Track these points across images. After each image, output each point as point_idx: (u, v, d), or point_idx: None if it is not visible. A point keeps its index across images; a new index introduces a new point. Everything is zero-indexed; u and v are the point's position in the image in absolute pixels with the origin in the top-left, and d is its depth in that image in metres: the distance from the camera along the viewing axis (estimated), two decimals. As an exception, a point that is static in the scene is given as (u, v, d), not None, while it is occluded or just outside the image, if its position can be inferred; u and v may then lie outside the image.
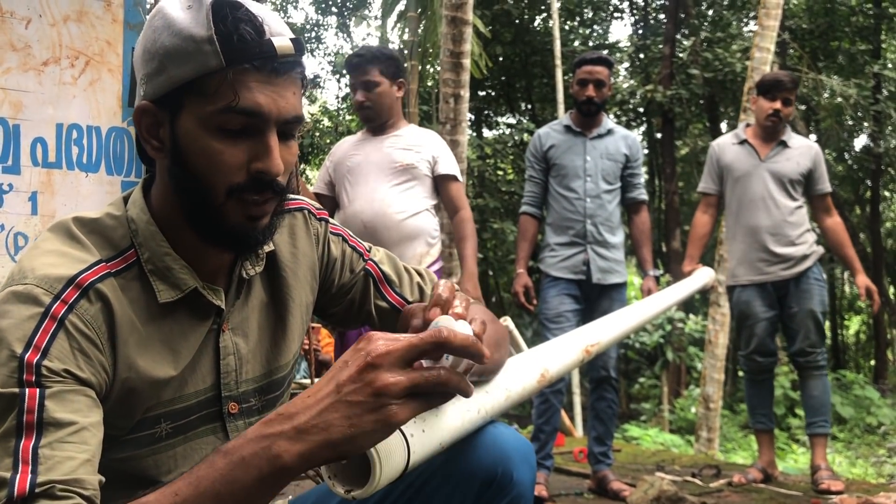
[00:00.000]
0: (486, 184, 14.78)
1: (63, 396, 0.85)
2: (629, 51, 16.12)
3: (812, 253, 3.67)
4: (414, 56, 8.86)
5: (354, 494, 0.87)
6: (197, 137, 0.94)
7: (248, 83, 0.92)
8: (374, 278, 1.24)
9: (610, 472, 3.51)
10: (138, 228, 0.99)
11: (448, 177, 3.04)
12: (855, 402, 11.32)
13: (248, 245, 1.00)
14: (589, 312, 3.50)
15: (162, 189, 1.01)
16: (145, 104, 0.96)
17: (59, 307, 0.89)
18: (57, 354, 0.87)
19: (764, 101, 3.74)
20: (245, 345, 1.07)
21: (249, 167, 0.95)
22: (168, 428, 1.00)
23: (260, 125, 0.94)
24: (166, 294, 0.98)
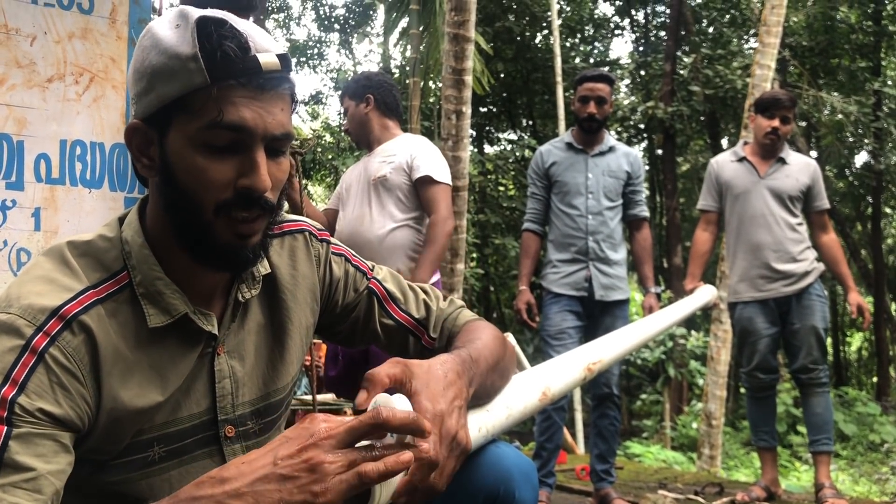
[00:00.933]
0: (487, 199, 14.80)
1: (29, 439, 0.84)
2: (630, 68, 16.19)
3: (813, 269, 3.67)
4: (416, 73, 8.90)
5: None
6: (184, 155, 0.94)
7: (233, 99, 0.92)
8: (377, 297, 1.23)
9: (612, 489, 3.49)
10: (132, 251, 0.99)
11: (424, 179, 2.88)
12: (857, 419, 11.28)
13: (239, 264, 0.99)
14: (591, 329, 3.50)
15: (154, 208, 1.01)
16: (135, 123, 0.97)
17: (41, 340, 0.88)
18: (34, 389, 0.86)
19: (762, 119, 3.75)
20: (241, 368, 1.06)
21: (236, 184, 0.94)
22: (161, 451, 0.99)
23: (246, 141, 0.94)
24: (156, 319, 0.98)
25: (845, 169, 15.68)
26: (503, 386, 1.17)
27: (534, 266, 3.69)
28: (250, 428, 1.08)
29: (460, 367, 1.03)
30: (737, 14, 14.31)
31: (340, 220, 3.00)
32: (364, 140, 3.07)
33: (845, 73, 14.05)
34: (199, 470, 1.02)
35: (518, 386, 1.20)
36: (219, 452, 1.05)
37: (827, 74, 14.38)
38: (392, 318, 1.23)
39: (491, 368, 1.10)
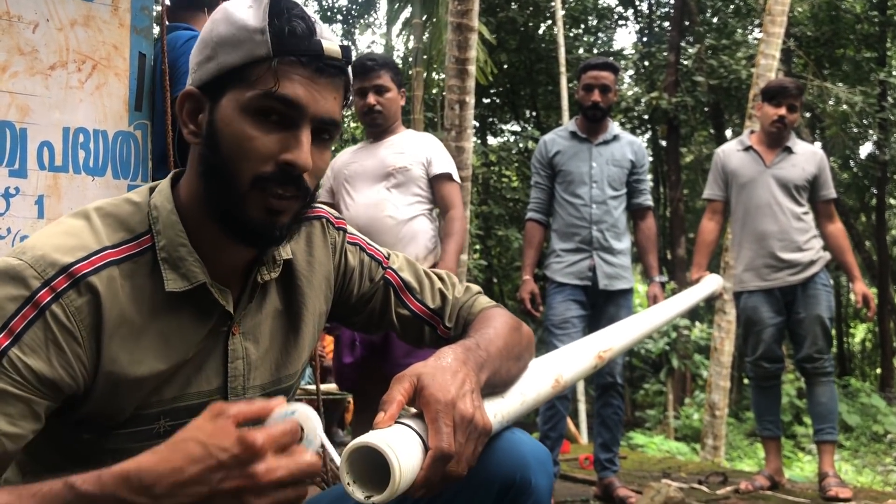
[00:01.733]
0: (490, 191, 14.78)
1: (3, 397, 0.86)
2: (634, 58, 16.14)
3: (819, 258, 3.66)
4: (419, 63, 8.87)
5: (374, 500, 0.87)
6: (232, 121, 0.95)
7: (291, 75, 0.94)
8: (394, 287, 1.24)
9: (616, 478, 3.49)
10: (159, 216, 1.00)
11: (442, 176, 3.01)
12: (861, 410, 11.28)
13: (267, 240, 1.00)
14: (595, 319, 3.49)
15: (191, 178, 1.02)
16: (189, 89, 0.99)
17: (45, 294, 0.89)
18: (28, 343, 0.88)
19: (769, 108, 3.73)
20: (255, 350, 1.07)
21: (278, 158, 0.95)
22: (166, 425, 1.00)
23: (295, 117, 0.95)
24: (174, 284, 0.98)
25: (850, 160, 15.63)
26: (519, 372, 1.17)
27: (537, 256, 3.68)
28: None
29: (464, 354, 1.03)
30: (741, 4, 14.24)
31: (350, 208, 2.97)
32: (387, 125, 3.04)
33: (850, 64, 13.98)
34: None
35: (531, 373, 1.21)
36: None
37: (832, 65, 14.32)
38: (408, 309, 1.23)
39: (503, 354, 1.10)
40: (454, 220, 3.01)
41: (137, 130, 2.38)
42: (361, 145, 3.13)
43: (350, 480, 0.89)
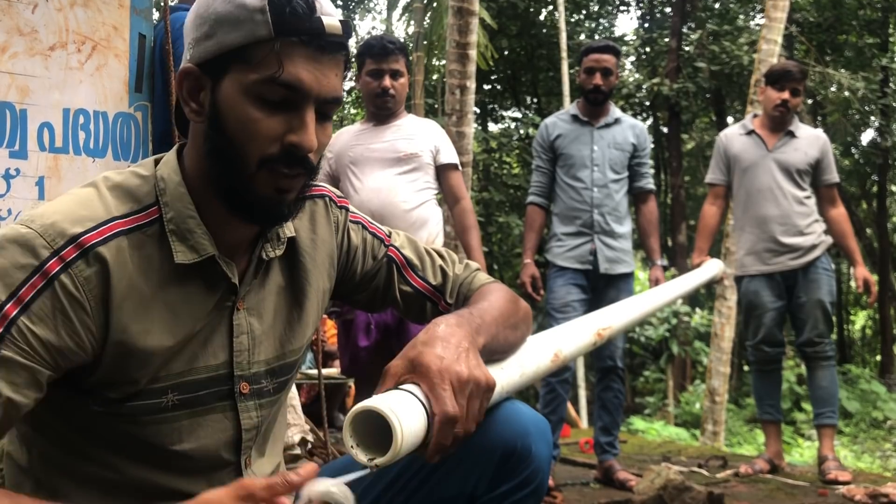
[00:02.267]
0: (491, 178, 14.77)
1: (10, 365, 0.87)
2: (635, 44, 16.07)
3: (821, 243, 3.65)
4: (419, 48, 8.85)
5: (377, 462, 0.88)
6: (236, 104, 0.95)
7: (294, 57, 0.93)
8: (397, 264, 1.25)
9: (616, 461, 3.50)
10: (167, 188, 1.00)
11: (449, 166, 3.03)
12: (861, 396, 11.31)
13: (274, 217, 1.01)
14: (596, 302, 3.48)
15: (195, 154, 1.01)
16: (190, 67, 0.98)
17: (55, 264, 0.90)
18: (37, 312, 0.88)
19: (772, 91, 3.72)
20: (259, 326, 1.07)
21: (283, 139, 0.95)
22: (174, 399, 1.00)
23: (299, 100, 0.95)
24: (183, 256, 0.98)
25: (851, 146, 15.59)
26: (517, 341, 1.19)
27: (538, 239, 3.68)
28: (264, 386, 1.09)
29: (456, 319, 1.06)
30: (743, -11, 14.18)
31: (360, 192, 2.95)
32: (396, 109, 3.03)
33: (852, 50, 13.92)
34: (211, 423, 1.04)
35: (531, 347, 1.22)
36: (232, 408, 1.06)
37: (834, 51, 14.26)
38: (410, 286, 1.25)
39: (499, 322, 1.12)
40: (468, 211, 3.06)
41: (137, 112, 2.37)
42: (363, 127, 3.10)
43: (353, 444, 0.90)
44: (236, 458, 1.08)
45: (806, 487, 3.40)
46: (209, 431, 1.03)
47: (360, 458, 0.89)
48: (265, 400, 1.09)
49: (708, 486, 2.98)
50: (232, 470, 1.08)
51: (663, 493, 2.81)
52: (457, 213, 3.06)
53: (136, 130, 2.37)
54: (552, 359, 1.24)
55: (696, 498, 2.80)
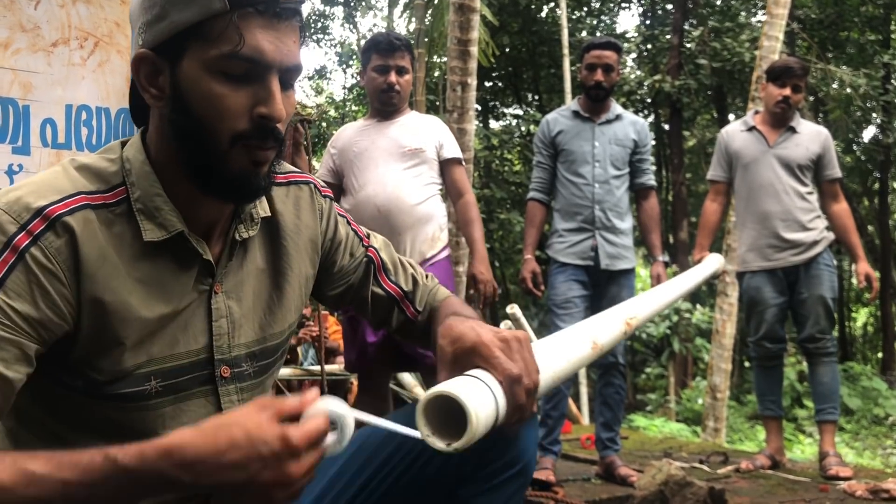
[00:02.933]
0: (492, 175, 14.76)
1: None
2: (637, 41, 16.05)
3: (822, 239, 3.65)
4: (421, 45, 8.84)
5: (455, 446, 0.91)
6: (199, 82, 0.94)
7: (252, 27, 0.92)
8: (374, 265, 1.26)
9: (617, 457, 3.50)
10: (132, 168, 0.99)
11: (453, 161, 3.05)
12: (862, 393, 11.31)
13: (250, 192, 1.00)
14: (597, 298, 3.49)
15: (158, 139, 1.01)
16: (144, 52, 0.96)
17: (23, 238, 0.90)
18: (13, 287, 0.88)
19: (773, 88, 3.72)
20: (238, 309, 1.07)
21: (252, 112, 0.95)
22: (158, 386, 1.00)
23: (262, 71, 0.94)
24: (151, 234, 0.98)
25: (853, 143, 15.58)
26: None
27: (539, 235, 3.68)
28: (245, 370, 1.09)
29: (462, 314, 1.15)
30: (745, -14, 14.16)
31: (365, 188, 2.96)
32: (400, 106, 3.05)
33: (854, 46, 13.90)
34: (194, 408, 1.04)
35: (570, 338, 1.28)
36: (214, 392, 1.06)
37: (836, 47, 14.24)
38: (382, 288, 1.26)
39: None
40: (471, 205, 3.07)
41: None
42: (367, 123, 3.11)
43: (428, 433, 0.92)
44: None
45: (807, 483, 3.40)
46: (192, 417, 1.03)
47: (438, 445, 0.92)
48: (246, 384, 1.09)
49: (709, 482, 2.98)
50: None
51: (664, 488, 2.81)
52: (460, 207, 3.07)
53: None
54: (591, 347, 1.30)
55: (697, 493, 2.81)
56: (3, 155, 2.16)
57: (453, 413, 0.91)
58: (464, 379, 0.97)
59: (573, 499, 2.99)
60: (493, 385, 0.96)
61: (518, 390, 0.97)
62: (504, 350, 1.00)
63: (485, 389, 0.95)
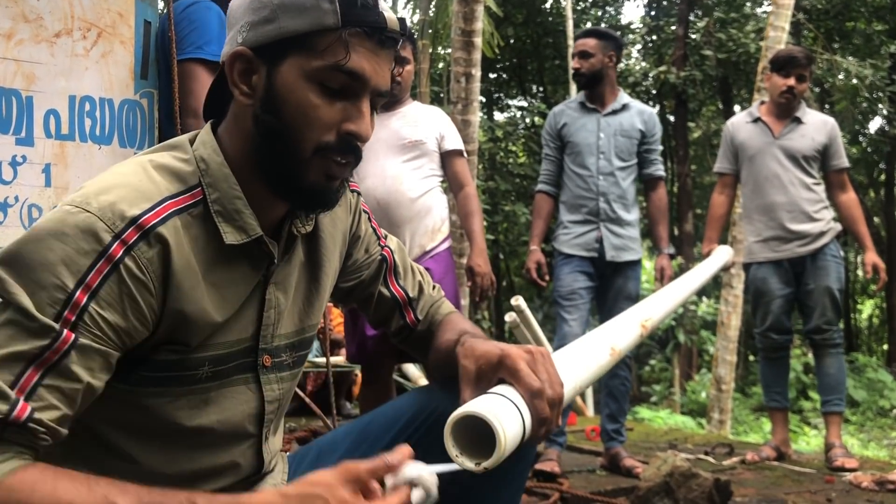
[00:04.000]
0: (497, 167, 14.72)
1: (87, 352, 0.88)
2: (642, 32, 15.99)
3: (829, 229, 3.64)
4: (425, 36, 8.81)
5: (485, 465, 0.91)
6: (296, 89, 0.96)
7: (357, 47, 0.95)
8: (387, 265, 1.28)
9: (622, 449, 3.50)
10: (209, 168, 1.00)
11: (454, 152, 3.03)
12: (868, 385, 11.30)
13: (322, 203, 1.03)
14: (602, 290, 3.49)
15: (239, 135, 1.02)
16: (243, 49, 0.98)
17: (118, 248, 0.90)
18: (105, 297, 0.89)
19: (778, 78, 3.70)
20: (284, 300, 1.09)
21: (340, 127, 0.97)
22: (209, 371, 1.02)
23: (358, 89, 0.97)
24: (232, 237, 0.99)
25: (859, 134, 15.50)
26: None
27: (546, 227, 3.67)
28: (284, 360, 1.11)
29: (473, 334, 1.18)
30: (751, -24, 14.08)
31: (365, 180, 2.94)
32: (401, 96, 3.03)
33: (861, 37, 13.82)
34: (235, 395, 1.06)
35: (588, 345, 1.31)
36: (255, 380, 1.08)
37: (842, 38, 14.15)
38: (389, 290, 1.28)
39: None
40: (471, 197, 3.05)
41: (143, 99, 2.37)
42: None
43: (457, 453, 0.92)
44: (258, 431, 1.09)
45: (812, 474, 3.39)
46: (234, 403, 1.05)
47: (468, 465, 0.92)
48: (285, 373, 1.12)
49: (714, 473, 2.98)
50: (253, 443, 1.10)
51: (670, 479, 2.80)
52: (460, 199, 3.06)
53: (141, 117, 2.36)
54: (610, 353, 1.32)
55: (702, 485, 2.80)
56: (6, 146, 2.15)
57: (480, 432, 0.91)
58: (489, 398, 0.97)
59: (578, 490, 2.98)
60: (518, 402, 0.97)
61: (542, 405, 0.98)
62: (529, 363, 1.01)
63: (511, 407, 0.95)
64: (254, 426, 1.08)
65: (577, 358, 1.22)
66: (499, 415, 0.92)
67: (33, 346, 0.85)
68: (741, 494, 2.99)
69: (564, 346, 1.30)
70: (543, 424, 0.99)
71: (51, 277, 0.86)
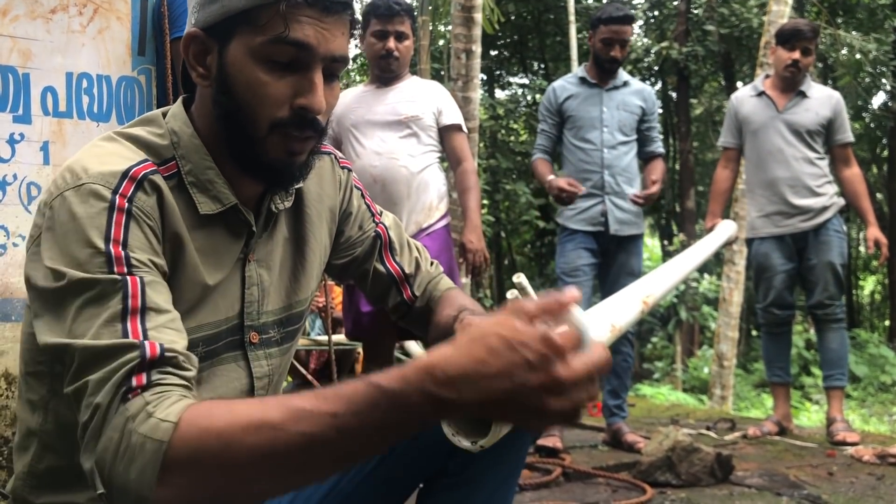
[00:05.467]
0: (498, 144, 14.67)
1: (156, 286, 0.90)
2: (644, 7, 15.84)
3: (832, 204, 3.62)
4: (425, 12, 8.75)
5: (482, 443, 0.90)
6: (244, 67, 0.96)
7: (300, 17, 0.94)
8: (381, 242, 1.28)
9: (624, 424, 3.51)
10: (180, 141, 1.01)
11: (452, 127, 3.00)
12: (869, 360, 11.33)
13: (285, 180, 1.03)
14: (605, 266, 3.48)
15: (204, 114, 1.02)
16: (195, 31, 0.98)
17: (121, 200, 0.91)
18: (137, 244, 0.90)
19: (783, 51, 3.66)
20: (268, 277, 1.09)
21: (293, 102, 0.97)
22: (203, 351, 1.02)
23: (307, 60, 0.96)
24: (206, 207, 1.00)
25: (862, 110, 15.41)
26: None
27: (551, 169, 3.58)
28: (272, 336, 1.12)
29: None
30: (754, -50, 13.92)
31: (362, 157, 2.93)
32: (400, 72, 3.00)
33: (865, 11, 13.69)
34: (224, 373, 1.06)
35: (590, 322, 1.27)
36: (244, 357, 1.09)
37: (846, 12, 14.01)
38: (385, 266, 1.28)
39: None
40: (469, 172, 3.02)
41: (141, 75, 2.35)
42: (366, 89, 3.07)
43: (453, 432, 0.91)
44: None
45: (814, 449, 3.40)
46: (225, 381, 1.06)
47: (464, 444, 0.90)
48: (273, 349, 1.12)
49: (716, 448, 2.99)
50: None
51: (671, 454, 2.81)
52: (458, 175, 3.04)
53: (139, 94, 2.35)
54: (611, 330, 1.29)
55: (704, 459, 2.81)
56: (4, 124, 2.13)
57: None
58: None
59: (580, 465, 3.00)
60: None
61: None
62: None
63: None
64: None
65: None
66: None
67: (115, 304, 0.86)
68: (743, 469, 3.01)
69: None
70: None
71: (86, 249, 0.88)
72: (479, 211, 3.03)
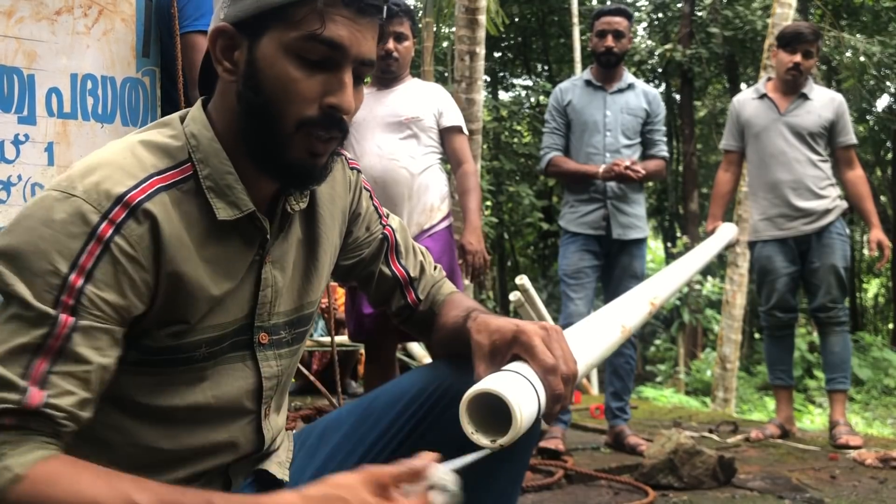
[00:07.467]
0: (501, 146, 14.68)
1: (90, 332, 0.88)
2: (648, 9, 15.86)
3: (835, 207, 3.62)
4: (429, 13, 8.75)
5: (501, 442, 0.91)
6: (275, 63, 0.95)
7: (335, 16, 0.93)
8: (388, 244, 1.27)
9: (627, 427, 3.51)
10: (199, 144, 1.00)
11: (453, 128, 3.00)
12: (873, 364, 11.31)
13: (305, 181, 1.02)
14: (608, 269, 3.48)
15: (226, 112, 1.01)
16: (224, 25, 0.97)
17: (106, 228, 0.90)
18: (101, 279, 0.89)
19: (784, 54, 3.66)
20: (282, 278, 1.09)
21: (322, 101, 0.96)
22: (206, 351, 1.02)
23: (338, 59, 0.95)
24: (224, 213, 0.99)
25: (866, 113, 15.39)
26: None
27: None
28: (283, 337, 1.11)
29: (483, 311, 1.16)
30: (758, -48, 13.92)
31: (362, 158, 2.93)
32: (400, 73, 3.00)
33: (869, 13, 13.69)
34: (231, 371, 1.06)
35: (600, 325, 1.31)
36: (252, 357, 1.08)
37: (850, 15, 14.02)
38: (390, 269, 1.27)
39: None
40: (469, 174, 3.02)
41: (145, 77, 2.36)
42: (366, 91, 3.07)
43: (472, 430, 0.92)
44: (257, 408, 1.09)
45: (817, 452, 3.40)
46: (230, 379, 1.05)
47: (484, 442, 0.92)
48: (284, 350, 1.11)
49: (719, 451, 2.99)
50: (252, 420, 1.09)
51: (674, 457, 2.81)
52: (458, 176, 3.03)
53: (143, 95, 2.35)
54: (621, 331, 1.33)
55: (706, 462, 2.81)
56: (8, 125, 2.14)
57: (494, 408, 0.91)
58: (504, 374, 0.97)
59: (582, 467, 3.00)
60: (533, 379, 0.97)
61: (557, 381, 0.99)
62: (544, 339, 1.01)
63: (525, 384, 0.95)
64: (252, 402, 1.08)
65: (589, 335, 1.23)
66: (516, 393, 0.92)
67: (35, 336, 0.85)
68: (745, 472, 3.00)
69: (573, 324, 1.30)
70: (557, 401, 0.99)
71: (45, 265, 0.86)
72: (479, 212, 3.02)
